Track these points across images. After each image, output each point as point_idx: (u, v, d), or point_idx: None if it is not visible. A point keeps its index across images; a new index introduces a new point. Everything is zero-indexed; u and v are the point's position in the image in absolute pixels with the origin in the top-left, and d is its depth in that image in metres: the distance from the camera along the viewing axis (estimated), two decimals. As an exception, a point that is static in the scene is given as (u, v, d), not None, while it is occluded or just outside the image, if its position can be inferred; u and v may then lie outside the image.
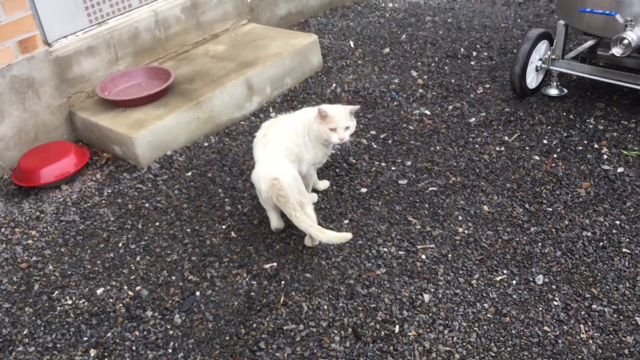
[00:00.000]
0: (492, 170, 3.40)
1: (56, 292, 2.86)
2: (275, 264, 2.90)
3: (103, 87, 3.88)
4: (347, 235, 2.75)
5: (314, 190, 3.28)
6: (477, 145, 3.62)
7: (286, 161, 2.85)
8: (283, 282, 2.79)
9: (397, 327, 2.55)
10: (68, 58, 3.82)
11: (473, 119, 3.87)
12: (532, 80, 3.99)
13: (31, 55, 3.64)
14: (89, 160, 3.70)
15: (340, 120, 2.96)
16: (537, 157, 3.48)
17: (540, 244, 2.91)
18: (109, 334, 2.63)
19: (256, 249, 2.99)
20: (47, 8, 3.75)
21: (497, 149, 3.58)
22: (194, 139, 3.83)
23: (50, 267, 3.00)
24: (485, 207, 3.14)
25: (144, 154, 3.60)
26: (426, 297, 2.67)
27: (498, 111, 3.93)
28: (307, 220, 2.69)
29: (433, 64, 4.55)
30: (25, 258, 3.07)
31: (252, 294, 2.76)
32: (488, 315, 2.57)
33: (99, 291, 2.84)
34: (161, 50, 4.30)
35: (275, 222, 2.99)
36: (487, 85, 4.23)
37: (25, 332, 2.67)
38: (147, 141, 3.58)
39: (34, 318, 2.73)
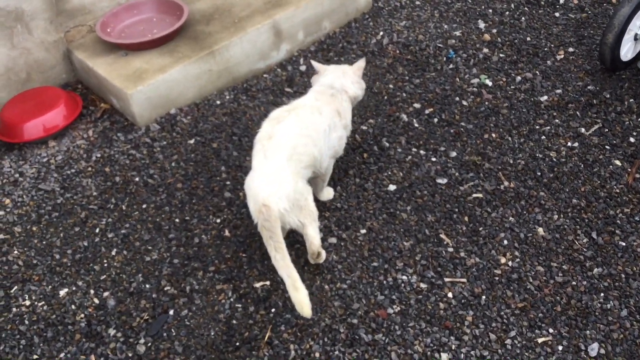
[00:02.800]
0: (557, 176, 2.72)
1: (15, 287, 2.47)
2: (268, 282, 2.39)
3: (105, 24, 3.29)
4: (307, 314, 2.09)
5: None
6: (543, 137, 2.91)
7: (288, 177, 2.23)
8: (273, 310, 2.30)
9: (400, 397, 2.04)
10: (65, -15, 3.24)
11: (545, 98, 3.12)
12: (629, 50, 3.16)
13: (19, -18, 3.08)
14: (84, 111, 3.21)
15: None
16: (618, 163, 2.76)
17: (602, 294, 2.28)
18: (62, 355, 2.23)
19: (250, 257, 2.48)
20: None
21: (569, 144, 2.87)
22: (204, 95, 3.24)
23: (16, 251, 2.60)
24: (540, 230, 2.50)
25: (141, 112, 3.06)
26: (444, 357, 2.13)
27: (578, 88, 3.15)
28: (286, 268, 2.10)
29: (507, 13, 3.72)
30: (-7, 234, 2.69)
31: (234, 322, 2.28)
32: (518, 395, 2.03)
33: (62, 292, 2.43)
34: (181, -25, 3.63)
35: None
36: (571, 49, 3.41)
37: (-28, 337, 2.32)
38: (145, 98, 3.03)
39: (-15, 319, 2.37)
